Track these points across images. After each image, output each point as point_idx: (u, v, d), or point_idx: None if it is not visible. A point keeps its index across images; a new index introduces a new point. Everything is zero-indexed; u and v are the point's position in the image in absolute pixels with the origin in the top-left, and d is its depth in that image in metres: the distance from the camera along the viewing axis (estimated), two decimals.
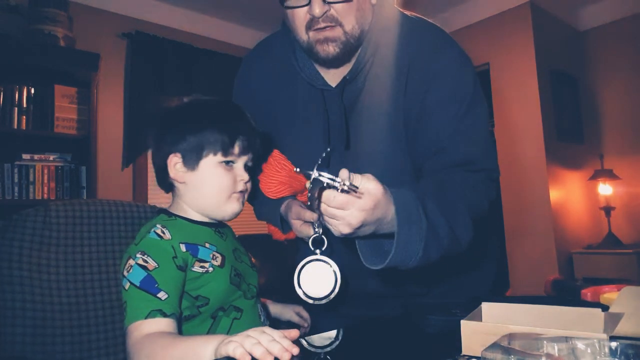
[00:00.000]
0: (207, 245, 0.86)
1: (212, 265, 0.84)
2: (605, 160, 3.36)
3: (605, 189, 3.28)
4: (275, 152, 1.03)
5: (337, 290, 0.87)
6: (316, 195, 0.70)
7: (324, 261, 0.88)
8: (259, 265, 1.21)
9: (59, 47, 2.43)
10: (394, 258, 0.73)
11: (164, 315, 0.75)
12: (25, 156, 2.37)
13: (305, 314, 1.10)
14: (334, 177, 0.67)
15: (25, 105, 2.38)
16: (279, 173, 1.00)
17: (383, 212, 0.71)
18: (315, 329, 1.11)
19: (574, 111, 3.43)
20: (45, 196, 2.38)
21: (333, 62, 0.91)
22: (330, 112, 0.95)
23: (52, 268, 0.90)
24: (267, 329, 0.62)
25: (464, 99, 0.91)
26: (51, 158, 2.45)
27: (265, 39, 1.09)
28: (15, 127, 2.35)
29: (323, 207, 0.70)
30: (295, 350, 0.59)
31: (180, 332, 0.79)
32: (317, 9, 0.81)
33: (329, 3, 0.82)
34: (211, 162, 0.86)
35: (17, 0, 2.49)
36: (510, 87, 3.24)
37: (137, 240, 0.83)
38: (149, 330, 0.73)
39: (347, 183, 0.66)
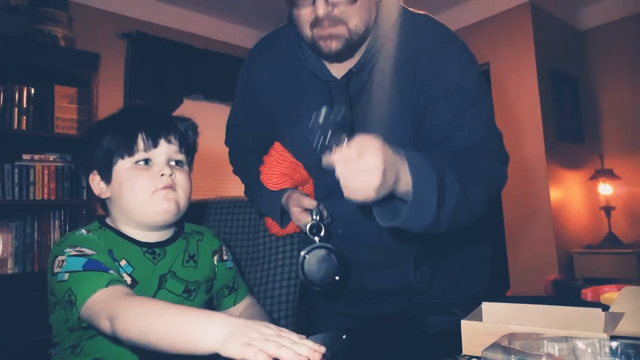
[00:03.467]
0: (122, 263, 0.80)
1: None
2: (605, 160, 3.36)
3: (605, 189, 3.28)
4: (277, 145, 1.03)
5: (341, 274, 0.89)
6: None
7: (326, 247, 0.89)
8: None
9: (59, 47, 2.43)
10: (411, 211, 0.73)
11: (125, 285, 0.70)
12: (25, 156, 2.37)
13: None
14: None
15: (25, 105, 2.37)
16: (280, 164, 1.00)
17: (394, 159, 0.71)
18: (316, 328, 1.11)
19: (574, 111, 3.43)
20: (45, 196, 2.37)
21: (336, 58, 0.92)
22: (336, 104, 0.96)
23: None
24: (284, 331, 0.58)
25: (468, 91, 0.92)
26: (51, 158, 2.45)
27: (271, 33, 1.10)
28: (15, 127, 2.34)
29: (344, 168, 0.68)
30: (323, 349, 0.55)
31: None
32: (321, 9, 0.83)
33: (333, 4, 0.83)
34: (123, 167, 0.83)
35: (17, 0, 2.49)
36: (510, 87, 3.24)
37: (59, 242, 0.79)
38: (120, 294, 0.67)
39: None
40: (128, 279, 0.80)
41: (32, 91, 2.41)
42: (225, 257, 0.99)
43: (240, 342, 0.55)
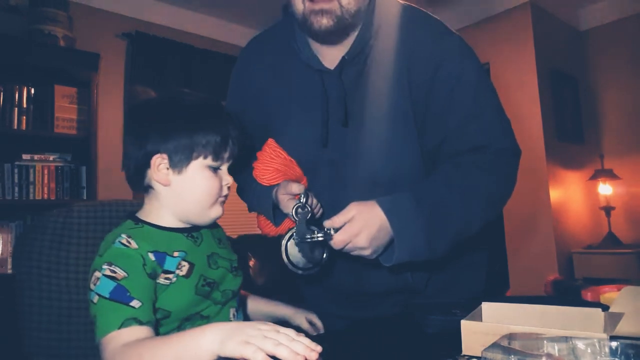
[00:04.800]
0: (175, 254, 0.80)
1: (176, 276, 0.78)
2: (605, 160, 3.36)
3: (605, 189, 3.28)
4: (270, 141, 1.02)
5: (325, 259, 0.87)
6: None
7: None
8: (258, 266, 1.21)
9: (59, 47, 2.43)
10: (401, 254, 0.83)
11: (140, 323, 0.69)
12: (25, 156, 2.37)
13: (317, 322, 1.04)
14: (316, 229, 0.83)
15: (25, 105, 2.38)
16: (274, 160, 0.99)
17: (379, 220, 0.81)
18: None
19: (574, 111, 3.43)
20: (45, 196, 2.37)
21: (326, 36, 0.90)
22: (329, 94, 0.95)
23: (72, 267, 0.94)
24: (281, 328, 0.57)
25: (469, 85, 0.92)
26: (51, 158, 2.45)
27: (264, 31, 1.10)
28: (15, 127, 2.34)
29: (345, 248, 0.82)
30: (319, 349, 0.55)
31: None
32: None
33: None
34: (200, 165, 0.81)
35: (17, 0, 2.49)
36: (510, 87, 3.24)
37: (102, 251, 0.77)
38: (126, 340, 0.66)
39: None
40: (186, 265, 0.80)
41: (32, 91, 2.41)
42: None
43: (238, 340, 0.55)
